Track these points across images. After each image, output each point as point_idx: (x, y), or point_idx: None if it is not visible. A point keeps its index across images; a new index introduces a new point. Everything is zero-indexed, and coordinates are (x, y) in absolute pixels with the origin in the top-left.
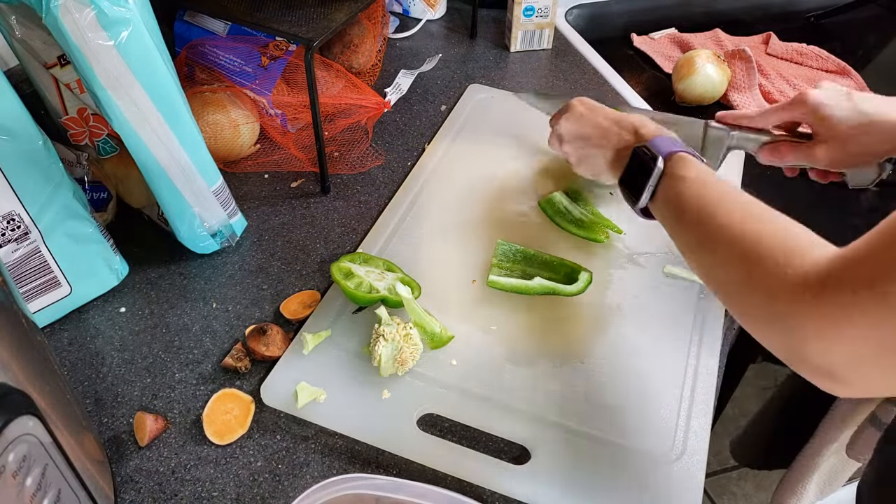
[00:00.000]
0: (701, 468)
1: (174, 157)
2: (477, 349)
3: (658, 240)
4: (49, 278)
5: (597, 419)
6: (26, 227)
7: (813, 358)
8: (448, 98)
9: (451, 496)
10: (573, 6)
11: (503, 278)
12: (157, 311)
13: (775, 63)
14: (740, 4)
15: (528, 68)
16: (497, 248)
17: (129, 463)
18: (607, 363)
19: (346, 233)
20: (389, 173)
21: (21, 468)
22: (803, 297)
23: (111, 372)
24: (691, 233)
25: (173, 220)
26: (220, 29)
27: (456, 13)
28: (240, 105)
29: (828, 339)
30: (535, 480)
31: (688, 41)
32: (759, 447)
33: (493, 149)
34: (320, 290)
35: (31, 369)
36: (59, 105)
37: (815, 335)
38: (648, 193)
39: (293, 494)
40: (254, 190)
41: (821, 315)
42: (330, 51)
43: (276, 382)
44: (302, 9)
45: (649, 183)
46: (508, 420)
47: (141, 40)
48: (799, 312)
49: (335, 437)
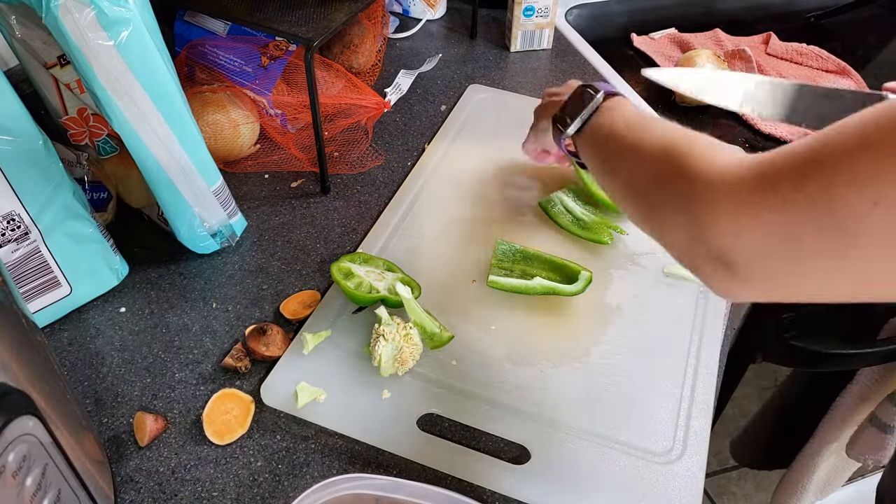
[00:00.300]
0: (701, 468)
1: (174, 157)
2: (477, 349)
3: None
4: (49, 278)
5: (597, 419)
6: (26, 227)
7: (716, 243)
8: (448, 98)
9: (451, 496)
10: (573, 6)
11: (503, 278)
12: (157, 311)
13: (775, 63)
14: (740, 4)
15: (528, 68)
16: (496, 247)
17: (129, 463)
18: (607, 363)
19: (346, 233)
20: (389, 173)
21: (21, 468)
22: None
23: (111, 372)
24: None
25: (173, 220)
26: (220, 29)
27: (456, 13)
28: (240, 105)
29: (738, 226)
30: (535, 480)
31: (688, 41)
32: (759, 447)
33: (493, 149)
34: (320, 290)
35: (31, 369)
36: (59, 105)
37: (728, 220)
38: (580, 122)
39: (293, 494)
40: (254, 190)
41: (735, 201)
42: (330, 51)
43: (276, 382)
44: (302, 9)
45: (584, 112)
46: (508, 420)
47: (141, 40)
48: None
49: (335, 437)
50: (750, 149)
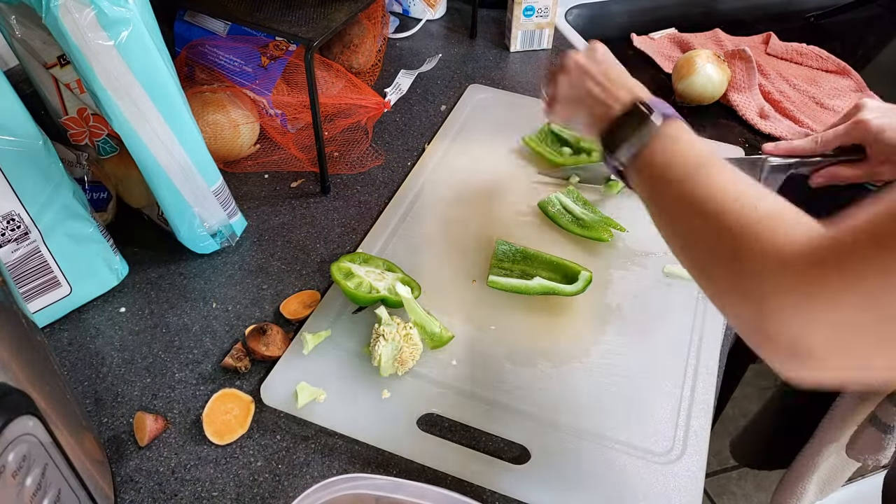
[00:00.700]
0: (701, 468)
1: (174, 157)
2: (477, 349)
3: (658, 240)
4: (49, 278)
5: (596, 419)
6: (26, 227)
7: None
8: (448, 98)
9: (451, 496)
10: (573, 6)
11: (503, 278)
12: (157, 311)
13: (775, 63)
14: (740, 4)
15: (528, 68)
16: (496, 247)
17: (129, 463)
18: (607, 363)
19: (346, 233)
20: (389, 173)
21: (21, 468)
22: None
23: (111, 372)
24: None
25: (173, 220)
26: (220, 29)
27: (456, 13)
28: (240, 105)
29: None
30: (535, 480)
31: (688, 41)
32: (759, 447)
33: (493, 149)
34: (320, 290)
35: (31, 369)
36: (59, 105)
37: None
38: (635, 147)
39: (293, 494)
40: (254, 190)
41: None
42: (330, 51)
43: (276, 382)
44: (302, 9)
45: (639, 135)
46: (508, 420)
47: (141, 40)
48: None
49: (335, 437)
50: (750, 148)
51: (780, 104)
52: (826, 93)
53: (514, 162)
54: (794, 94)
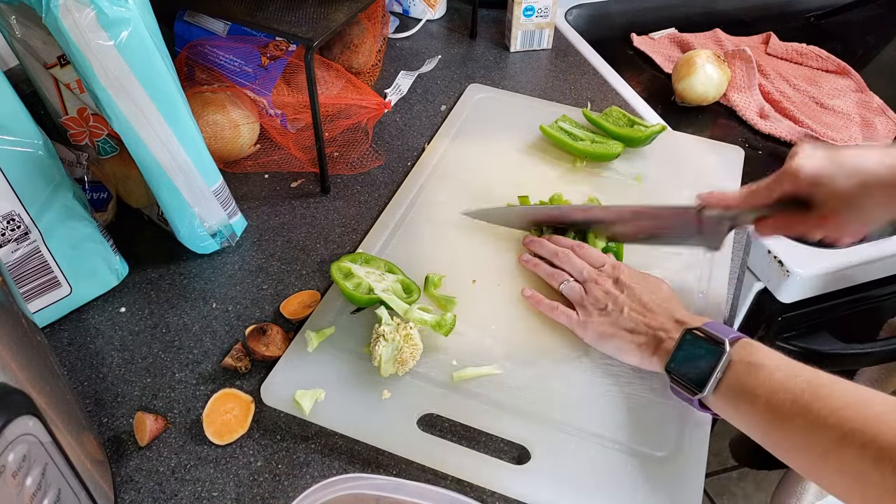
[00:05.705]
0: (701, 468)
1: (174, 157)
2: (477, 349)
3: (653, 250)
4: (49, 278)
5: (597, 419)
6: (26, 227)
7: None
8: (448, 98)
9: (451, 496)
10: (573, 6)
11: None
12: (157, 311)
13: (775, 63)
14: (740, 4)
15: (528, 68)
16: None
17: (129, 463)
18: (607, 363)
19: (346, 233)
20: (389, 173)
21: (21, 468)
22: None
23: (111, 372)
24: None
25: (173, 220)
26: (220, 29)
27: (456, 13)
28: (240, 105)
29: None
30: (535, 480)
31: (688, 41)
32: (759, 447)
33: (493, 149)
34: (320, 290)
35: (31, 369)
36: (59, 105)
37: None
38: (715, 381)
39: (293, 494)
40: (254, 190)
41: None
42: (330, 51)
43: (276, 382)
44: (302, 9)
45: (718, 369)
46: (508, 420)
47: (141, 40)
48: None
49: (335, 437)
50: (750, 149)
51: (780, 104)
52: (826, 93)
53: (514, 161)
54: (794, 94)
